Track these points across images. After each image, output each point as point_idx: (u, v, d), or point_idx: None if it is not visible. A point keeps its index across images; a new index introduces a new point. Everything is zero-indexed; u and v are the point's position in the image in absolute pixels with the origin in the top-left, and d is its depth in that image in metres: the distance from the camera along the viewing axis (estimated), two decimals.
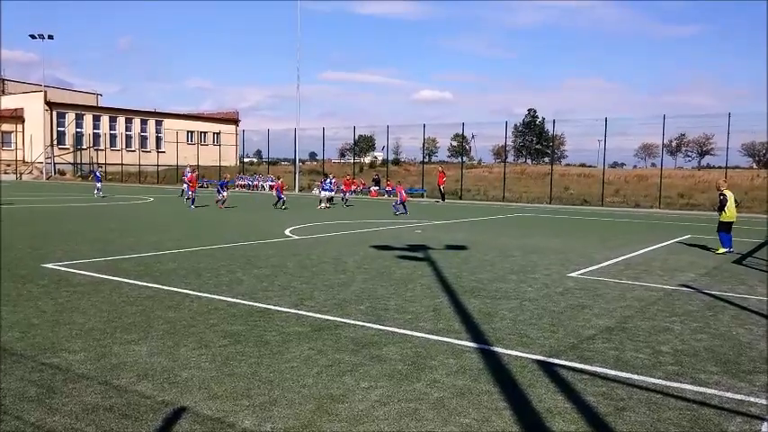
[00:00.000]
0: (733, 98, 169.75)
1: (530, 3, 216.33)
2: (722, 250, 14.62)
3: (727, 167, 38.63)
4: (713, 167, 75.28)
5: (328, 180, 30.71)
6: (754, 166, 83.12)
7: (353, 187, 39.06)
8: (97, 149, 70.77)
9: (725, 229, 15.01)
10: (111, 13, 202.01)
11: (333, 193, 30.26)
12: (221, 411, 4.59)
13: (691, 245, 16.64)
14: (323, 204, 28.57)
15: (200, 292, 8.87)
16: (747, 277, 11.32)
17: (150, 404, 4.70)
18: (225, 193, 27.16)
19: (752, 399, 5.11)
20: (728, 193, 15.29)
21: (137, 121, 75.74)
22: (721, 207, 15.05)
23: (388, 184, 45.12)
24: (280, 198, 28.12)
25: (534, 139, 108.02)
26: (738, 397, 5.15)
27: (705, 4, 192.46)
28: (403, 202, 25.61)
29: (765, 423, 4.63)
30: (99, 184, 34.88)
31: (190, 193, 27.63)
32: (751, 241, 17.83)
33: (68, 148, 70.14)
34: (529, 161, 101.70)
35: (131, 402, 4.72)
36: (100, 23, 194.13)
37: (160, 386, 5.07)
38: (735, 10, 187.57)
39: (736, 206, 15.48)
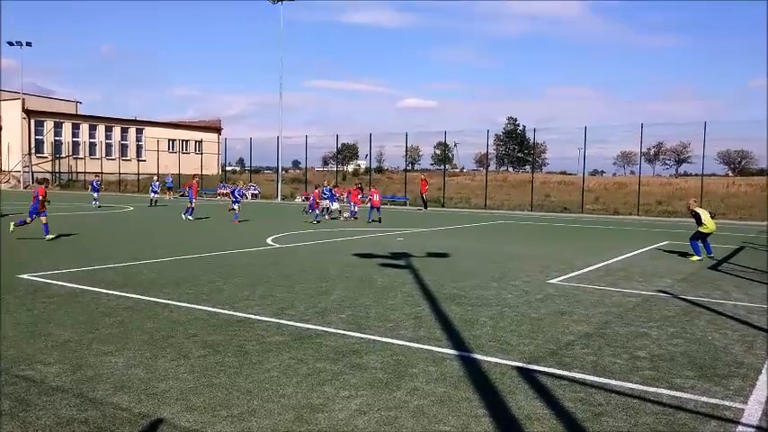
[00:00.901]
0: (709, 107, 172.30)
1: (514, 13, 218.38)
2: (695, 258, 14.76)
3: (703, 175, 39.13)
4: (690, 175, 76.37)
5: (327, 188, 27.59)
6: (730, 174, 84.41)
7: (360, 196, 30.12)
8: (76, 158, 69.99)
9: (701, 237, 15.15)
10: (93, 20, 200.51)
11: (336, 203, 27.48)
12: (199, 423, 4.56)
13: (668, 251, 16.84)
14: (343, 215, 26.12)
15: (179, 301, 8.80)
16: (723, 283, 11.48)
17: (127, 416, 4.65)
18: (237, 205, 24.20)
19: (726, 403, 5.18)
20: (700, 211, 15.44)
21: (117, 130, 75.06)
22: (699, 223, 15.19)
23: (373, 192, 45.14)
24: (312, 209, 25.67)
25: (516, 147, 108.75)
26: (713, 401, 5.21)
27: (684, 17, 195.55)
28: (377, 208, 25.48)
29: (739, 426, 4.69)
30: (96, 194, 33.76)
31: (193, 200, 25.47)
32: (726, 247, 18.08)
33: (46, 157, 69.31)
34: (510, 169, 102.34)
35: (107, 415, 4.67)
36: (82, 31, 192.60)
37: (137, 398, 5.02)
38: (713, 22, 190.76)
39: (712, 218, 15.62)
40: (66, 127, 71.63)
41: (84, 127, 72.78)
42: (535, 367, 6.04)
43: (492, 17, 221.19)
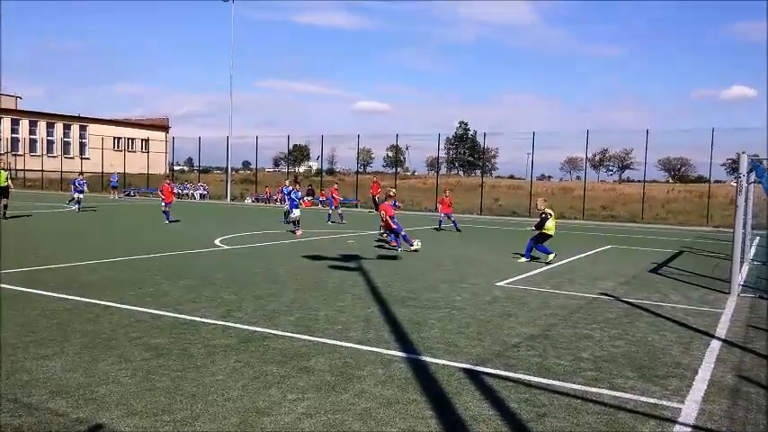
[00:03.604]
0: (650, 115, 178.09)
1: (468, 20, 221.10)
2: (523, 260, 14.77)
3: (645, 181, 40.40)
4: (633, 181, 78.68)
5: (288, 188, 24.62)
6: (670, 180, 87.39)
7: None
8: (15, 155, 67.49)
9: (543, 239, 15.01)
10: (38, 14, 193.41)
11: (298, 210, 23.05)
12: (140, 428, 4.44)
13: (611, 255, 17.30)
14: (298, 232, 20.23)
15: (121, 304, 8.57)
16: (662, 285, 11.86)
17: (63, 422, 4.49)
18: (296, 212, 20.52)
19: (664, 402, 5.35)
20: (550, 212, 15.25)
21: (59, 126, 72.72)
22: (541, 225, 15.07)
23: (322, 194, 44.98)
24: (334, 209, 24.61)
25: (466, 151, 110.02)
26: (652, 401, 5.37)
27: (627, 30, 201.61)
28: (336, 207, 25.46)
29: (677, 426, 4.84)
30: (77, 195, 29.86)
31: (165, 205, 23.67)
32: (666, 251, 18.70)
33: None
34: (461, 173, 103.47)
35: (43, 421, 4.50)
36: (26, 25, 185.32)
37: (75, 403, 4.86)
38: (655, 34, 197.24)
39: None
40: (5, 122, 69.03)
41: (25, 123, 70.28)
42: (482, 369, 6.11)
43: (446, 23, 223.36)
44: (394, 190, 18.69)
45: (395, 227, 16.36)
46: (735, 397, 5.53)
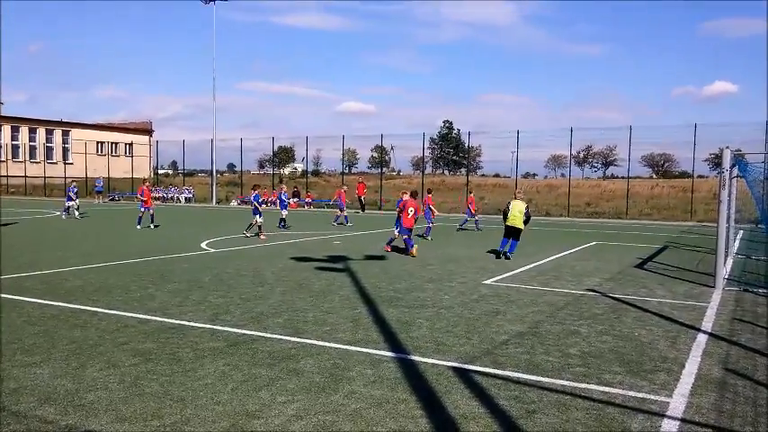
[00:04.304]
0: (634, 114, 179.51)
1: (450, 20, 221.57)
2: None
3: (629, 177, 40.73)
4: (617, 177, 79.27)
5: (283, 193, 25.14)
6: (654, 176, 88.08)
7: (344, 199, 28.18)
8: None
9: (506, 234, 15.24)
10: (19, 18, 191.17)
11: (287, 211, 24.32)
12: None
13: (597, 251, 17.42)
14: (262, 236, 19.29)
15: (108, 309, 8.51)
16: (648, 281, 11.96)
17: (52, 429, 4.46)
18: (259, 218, 19.57)
19: (652, 396, 5.39)
20: (512, 204, 15.37)
21: (41, 131, 71.90)
22: (505, 215, 15.37)
23: (308, 196, 44.91)
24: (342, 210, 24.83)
25: (451, 150, 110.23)
26: (640, 395, 5.42)
27: (607, 29, 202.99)
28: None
29: (665, 419, 4.89)
30: (70, 203, 28.30)
31: (143, 209, 22.87)
32: (651, 247, 18.85)
33: None
34: (446, 172, 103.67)
35: (31, 428, 4.46)
36: (7, 29, 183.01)
37: (63, 410, 4.82)
38: (634, 33, 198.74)
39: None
40: None
41: (6, 128, 69.41)
42: (471, 367, 6.13)
43: (429, 23, 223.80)
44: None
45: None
46: (722, 390, 5.59)
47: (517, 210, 15.21)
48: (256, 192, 20.54)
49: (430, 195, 22.96)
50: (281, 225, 23.53)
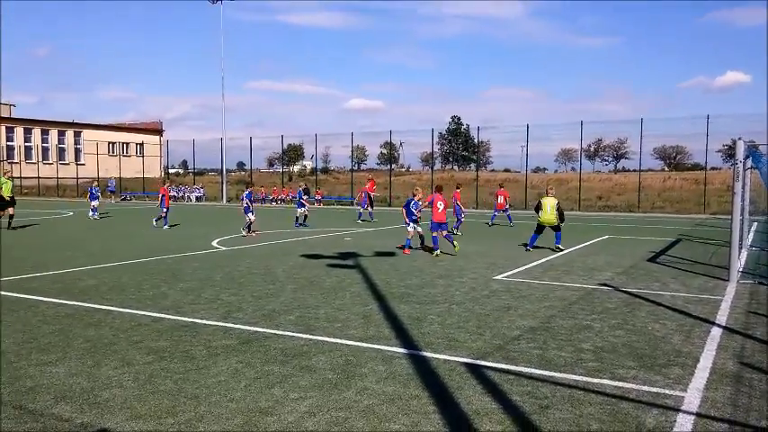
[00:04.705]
0: (645, 104, 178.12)
1: (455, 15, 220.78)
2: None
3: (640, 170, 40.43)
4: (628, 170, 78.74)
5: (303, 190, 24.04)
6: (666, 169, 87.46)
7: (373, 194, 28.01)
8: (11, 162, 67.28)
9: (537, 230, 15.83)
10: (27, 21, 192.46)
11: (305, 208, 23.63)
12: (144, 431, 4.44)
13: (609, 245, 17.33)
14: (249, 233, 19.25)
15: (122, 308, 8.57)
16: (661, 274, 11.89)
17: (68, 427, 4.50)
18: (251, 215, 19.69)
19: (666, 391, 5.36)
20: (543, 201, 15.84)
21: (54, 133, 72.45)
22: (536, 212, 15.89)
23: (318, 193, 44.97)
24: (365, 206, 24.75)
25: (460, 146, 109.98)
26: (654, 390, 5.39)
27: (615, 20, 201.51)
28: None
29: (679, 414, 4.86)
30: (95, 203, 28.36)
31: (165, 209, 22.64)
32: (663, 240, 18.73)
33: None
34: (456, 167, 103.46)
35: (48, 427, 4.51)
36: (15, 32, 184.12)
37: (79, 408, 4.86)
38: (640, 25, 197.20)
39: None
40: (1, 130, 68.80)
41: (19, 130, 70.04)
42: (483, 363, 6.12)
43: (433, 19, 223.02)
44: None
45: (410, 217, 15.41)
46: (737, 384, 5.55)
47: (549, 206, 15.68)
48: (249, 190, 20.56)
49: (458, 191, 22.52)
50: (301, 224, 23.39)
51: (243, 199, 20.48)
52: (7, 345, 6.67)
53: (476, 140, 61.90)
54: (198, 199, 50.07)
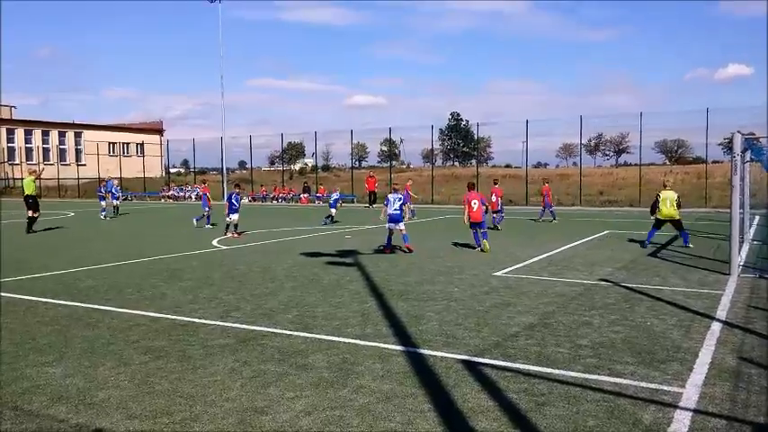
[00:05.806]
0: (644, 98, 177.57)
1: (456, 9, 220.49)
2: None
3: (641, 164, 40.32)
4: (629, 165, 78.54)
5: (336, 194, 24.37)
6: (667, 163, 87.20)
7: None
8: (12, 164, 67.38)
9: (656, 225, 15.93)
10: (27, 23, 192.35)
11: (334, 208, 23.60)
12: (139, 431, 4.43)
13: (609, 240, 17.28)
14: (233, 235, 18.34)
15: (120, 308, 8.56)
16: (661, 269, 11.85)
17: (64, 428, 4.49)
18: (233, 216, 18.75)
19: (665, 387, 5.33)
20: (662, 195, 15.91)
21: (54, 134, 72.46)
22: (654, 207, 15.94)
23: (320, 191, 44.93)
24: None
25: (461, 141, 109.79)
26: (652, 386, 5.35)
27: (616, 12, 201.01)
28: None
29: (677, 410, 4.83)
30: (116, 201, 29.11)
31: (207, 209, 22.42)
32: (665, 234, 18.67)
33: None
34: (457, 164, 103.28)
35: (43, 427, 4.50)
36: (15, 34, 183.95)
37: (75, 408, 4.85)
38: (649, 18, 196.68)
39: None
40: (1, 132, 68.86)
41: (20, 132, 70.09)
42: (480, 360, 6.10)
43: (434, 14, 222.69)
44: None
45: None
46: (736, 379, 5.52)
47: (669, 201, 15.61)
48: (236, 191, 19.92)
49: (496, 186, 21.62)
50: (329, 221, 23.24)
51: (227, 199, 19.71)
52: (5, 345, 6.67)
53: (476, 136, 61.81)
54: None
